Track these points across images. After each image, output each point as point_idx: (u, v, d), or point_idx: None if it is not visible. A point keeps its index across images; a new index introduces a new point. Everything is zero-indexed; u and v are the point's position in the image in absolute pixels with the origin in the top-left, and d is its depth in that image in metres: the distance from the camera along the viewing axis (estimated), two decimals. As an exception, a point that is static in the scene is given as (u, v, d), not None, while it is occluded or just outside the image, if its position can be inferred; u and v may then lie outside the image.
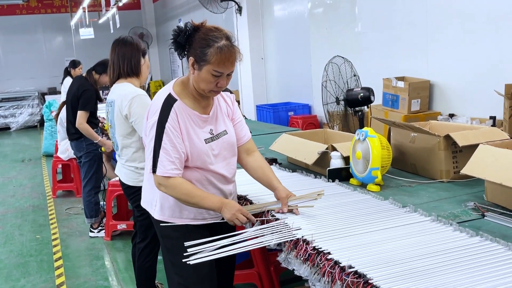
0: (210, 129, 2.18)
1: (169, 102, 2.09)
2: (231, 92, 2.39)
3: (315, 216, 2.10)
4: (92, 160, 4.76)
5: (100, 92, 9.21)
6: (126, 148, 3.04)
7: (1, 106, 14.11)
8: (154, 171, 2.08)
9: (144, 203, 2.36)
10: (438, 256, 1.62)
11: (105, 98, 8.89)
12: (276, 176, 2.30)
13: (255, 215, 2.18)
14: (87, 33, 12.27)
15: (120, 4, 9.90)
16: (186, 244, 1.90)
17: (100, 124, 5.06)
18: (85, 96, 4.57)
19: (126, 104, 2.92)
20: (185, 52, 2.08)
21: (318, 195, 2.16)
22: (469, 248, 1.69)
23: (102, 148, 4.72)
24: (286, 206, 2.16)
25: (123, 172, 3.08)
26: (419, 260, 1.60)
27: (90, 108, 4.56)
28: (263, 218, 2.15)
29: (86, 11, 11.08)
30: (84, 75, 4.81)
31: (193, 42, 2.04)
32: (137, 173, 3.01)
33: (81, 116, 4.54)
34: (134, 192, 3.05)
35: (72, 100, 4.69)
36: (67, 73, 8.48)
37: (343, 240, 1.82)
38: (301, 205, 2.17)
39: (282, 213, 2.15)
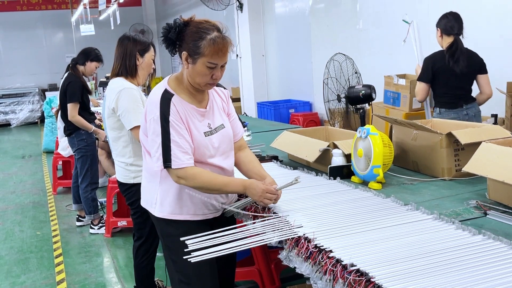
0: (208, 123, 2.18)
1: (166, 97, 2.09)
2: (224, 88, 2.39)
3: (317, 214, 2.09)
4: (84, 156, 4.76)
5: (97, 84, 9.23)
6: (115, 142, 3.04)
7: (2, 103, 14.10)
8: (168, 166, 2.04)
9: (143, 203, 2.35)
10: (441, 255, 1.62)
11: (101, 94, 8.80)
12: (265, 170, 2.34)
13: (248, 209, 2.23)
14: (87, 29, 12.25)
15: (121, 0, 9.87)
16: (185, 239, 1.90)
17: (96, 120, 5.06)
18: (70, 88, 4.62)
19: (113, 98, 2.92)
20: (176, 49, 2.08)
21: (295, 179, 2.18)
22: (471, 246, 1.68)
23: (96, 135, 4.76)
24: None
25: (116, 169, 3.09)
26: (422, 259, 1.59)
27: (77, 98, 4.59)
28: (257, 214, 2.17)
29: (88, 7, 11.05)
30: (70, 71, 4.83)
31: (184, 37, 2.04)
32: (127, 169, 3.00)
33: (72, 109, 4.56)
34: (126, 190, 3.04)
35: (61, 96, 4.73)
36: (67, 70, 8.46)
37: (345, 238, 1.81)
38: (288, 185, 2.18)
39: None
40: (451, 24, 3.84)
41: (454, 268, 1.52)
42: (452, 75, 3.79)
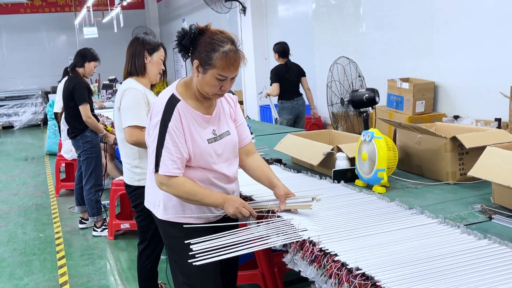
0: (213, 130, 2.18)
1: (172, 102, 2.10)
2: (233, 94, 2.39)
3: (321, 217, 2.09)
4: (89, 158, 4.78)
5: (100, 86, 9.15)
6: (122, 143, 3.05)
7: (5, 105, 14.14)
8: (156, 170, 2.08)
9: (147, 203, 2.36)
10: (446, 259, 1.61)
11: (109, 98, 8.80)
12: (275, 175, 2.31)
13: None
14: (91, 32, 12.31)
15: (124, 3, 9.90)
16: (189, 242, 1.90)
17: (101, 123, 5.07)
18: (77, 90, 4.63)
19: (119, 97, 2.94)
20: (189, 54, 2.09)
21: (313, 198, 2.15)
22: (477, 251, 1.67)
23: (105, 139, 4.78)
24: (284, 204, 2.17)
25: (124, 170, 3.10)
26: (427, 263, 1.59)
27: (86, 99, 4.61)
28: (263, 214, 2.17)
29: (91, 10, 11.09)
30: (70, 74, 4.84)
31: (198, 45, 2.04)
32: (132, 172, 3.00)
33: (85, 110, 4.58)
34: (131, 192, 3.05)
35: (65, 99, 4.73)
36: (66, 73, 8.48)
37: (349, 241, 1.81)
38: (299, 205, 2.17)
39: (279, 211, 2.16)
40: (283, 49, 6.24)
41: (460, 273, 1.52)
42: (287, 81, 6.17)
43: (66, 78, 8.43)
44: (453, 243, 1.75)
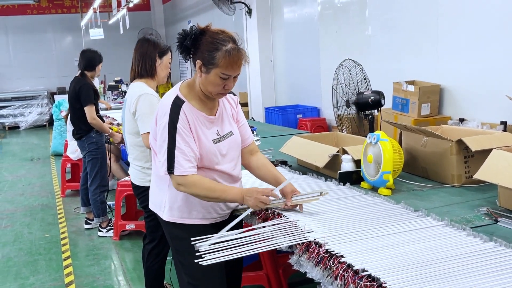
0: (217, 130, 2.20)
1: (177, 103, 2.11)
2: (234, 94, 2.41)
3: (327, 219, 2.10)
4: (94, 159, 4.81)
5: (105, 87, 9.21)
6: (133, 146, 3.07)
7: (11, 105, 14.20)
8: (171, 172, 2.06)
9: (152, 205, 2.37)
10: (452, 261, 1.62)
11: (115, 99, 8.84)
12: (280, 173, 2.34)
13: (258, 213, 2.22)
14: (97, 33, 12.35)
15: (131, 5, 9.93)
16: (195, 243, 1.91)
17: (107, 123, 5.09)
18: (83, 92, 4.66)
19: (133, 102, 2.96)
20: (190, 55, 2.10)
21: (321, 193, 2.17)
22: (483, 253, 1.68)
23: (111, 139, 4.79)
24: (290, 200, 2.18)
25: (131, 171, 3.12)
26: (433, 265, 1.59)
27: (92, 101, 4.64)
28: (270, 222, 2.17)
29: (97, 11, 11.13)
30: (78, 76, 4.87)
31: (200, 45, 2.06)
32: (144, 173, 3.03)
33: (90, 111, 4.61)
34: (141, 192, 3.07)
35: (71, 100, 4.76)
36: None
37: (355, 243, 1.82)
38: (306, 200, 2.18)
39: (286, 207, 2.18)
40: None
41: (465, 275, 1.52)
42: None
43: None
44: (458, 245, 1.76)
